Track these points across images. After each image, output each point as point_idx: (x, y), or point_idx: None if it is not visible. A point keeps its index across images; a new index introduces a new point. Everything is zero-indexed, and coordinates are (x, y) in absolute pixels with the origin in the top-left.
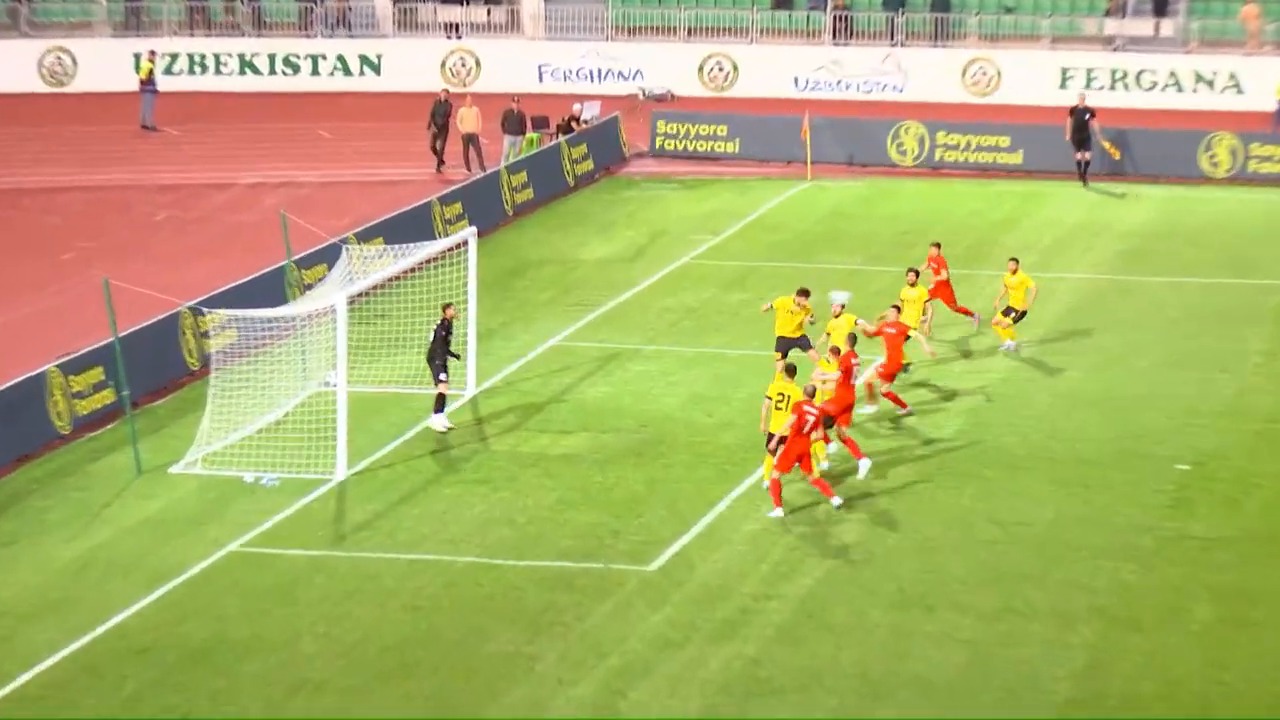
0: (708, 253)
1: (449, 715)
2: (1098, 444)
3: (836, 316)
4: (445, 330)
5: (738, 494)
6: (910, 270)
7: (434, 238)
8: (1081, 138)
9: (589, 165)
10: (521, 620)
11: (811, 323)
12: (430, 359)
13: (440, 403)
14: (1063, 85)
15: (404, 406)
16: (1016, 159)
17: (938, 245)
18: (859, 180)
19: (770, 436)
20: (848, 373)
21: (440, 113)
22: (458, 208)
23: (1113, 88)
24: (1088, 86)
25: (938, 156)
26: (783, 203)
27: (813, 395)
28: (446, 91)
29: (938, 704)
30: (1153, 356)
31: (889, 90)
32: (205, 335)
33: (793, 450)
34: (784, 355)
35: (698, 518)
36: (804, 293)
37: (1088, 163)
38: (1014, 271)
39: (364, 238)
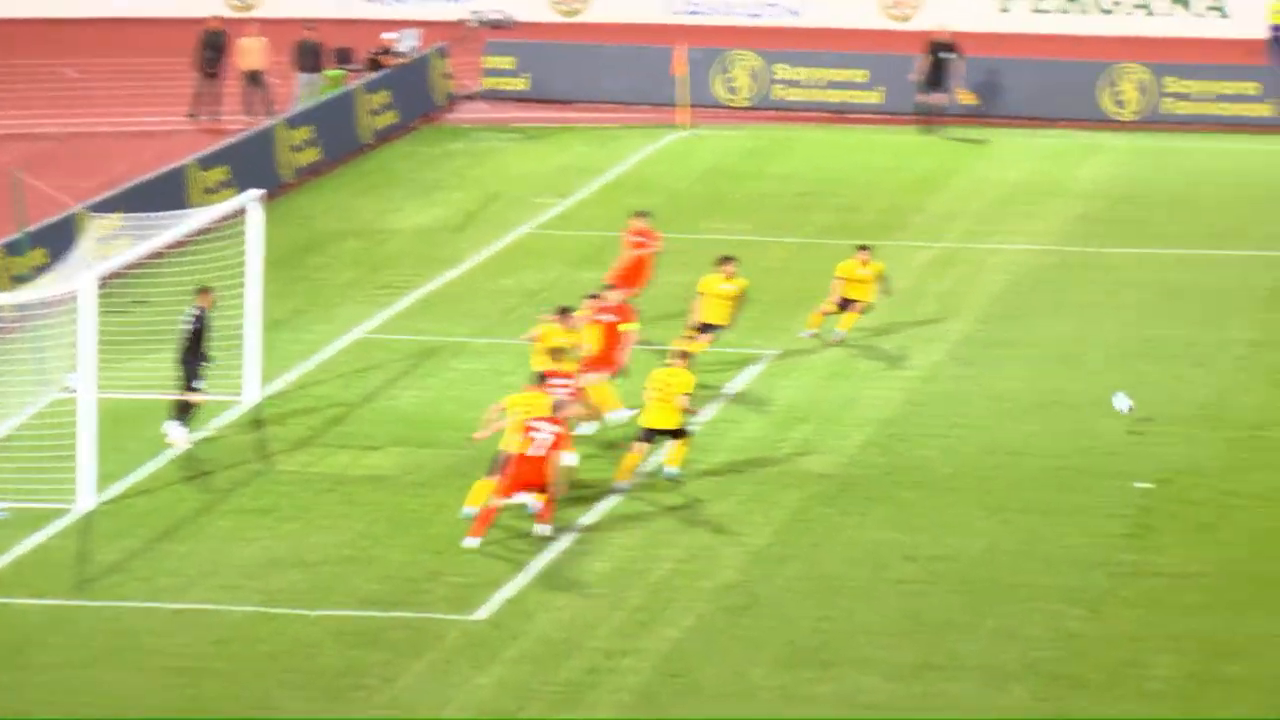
0: (555, 220)
1: None
2: (1041, 459)
3: None
4: (199, 323)
5: (586, 523)
6: (861, 248)
7: (278, 171)
8: (937, 78)
9: (393, 117)
10: (315, 684)
11: None
12: (183, 359)
13: (184, 411)
14: (1004, 9)
15: (163, 418)
16: (944, 100)
17: (641, 215)
18: (746, 128)
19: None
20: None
21: (211, 45)
22: (222, 173)
23: (1067, 11)
24: (1036, 10)
25: (836, 99)
26: (651, 156)
27: (559, 410)
28: (219, 19)
29: None
30: (1111, 349)
31: (782, 13)
32: None
33: (520, 475)
34: None
35: (536, 554)
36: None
37: (941, 109)
38: (865, 263)
39: (97, 211)
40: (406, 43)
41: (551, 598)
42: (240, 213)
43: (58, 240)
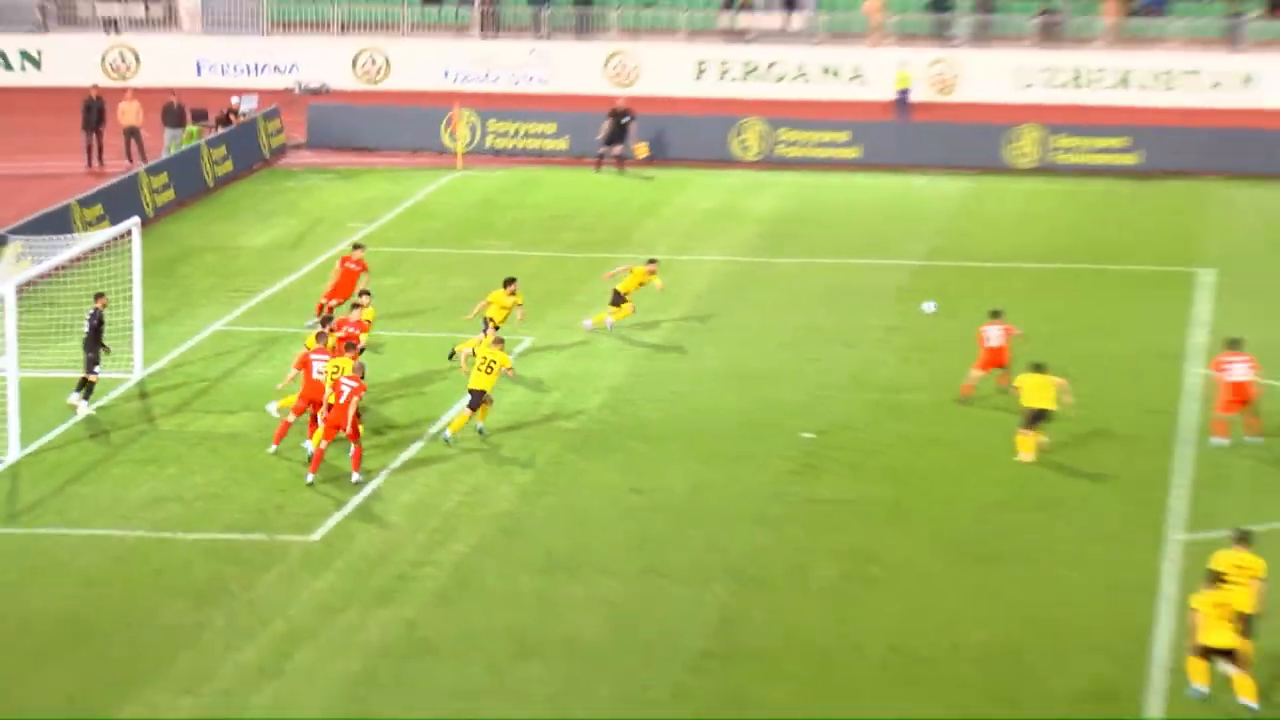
0: (364, 239)
1: (122, 682)
2: (732, 416)
3: None
4: (98, 320)
5: (395, 466)
6: (650, 260)
7: (143, 208)
8: (616, 137)
9: (230, 165)
10: (190, 591)
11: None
12: (86, 347)
13: (86, 386)
14: (698, 77)
15: (71, 391)
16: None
17: (359, 248)
18: (509, 170)
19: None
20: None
21: (91, 110)
22: (99, 209)
23: (745, 79)
24: (721, 78)
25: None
26: (435, 191)
27: (358, 372)
28: (96, 88)
29: (583, 661)
30: (782, 334)
31: (535, 82)
32: None
33: (331, 421)
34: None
35: (357, 491)
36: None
37: (620, 156)
38: (652, 273)
39: (86, 204)
40: (248, 105)
41: (369, 523)
42: (125, 235)
43: None
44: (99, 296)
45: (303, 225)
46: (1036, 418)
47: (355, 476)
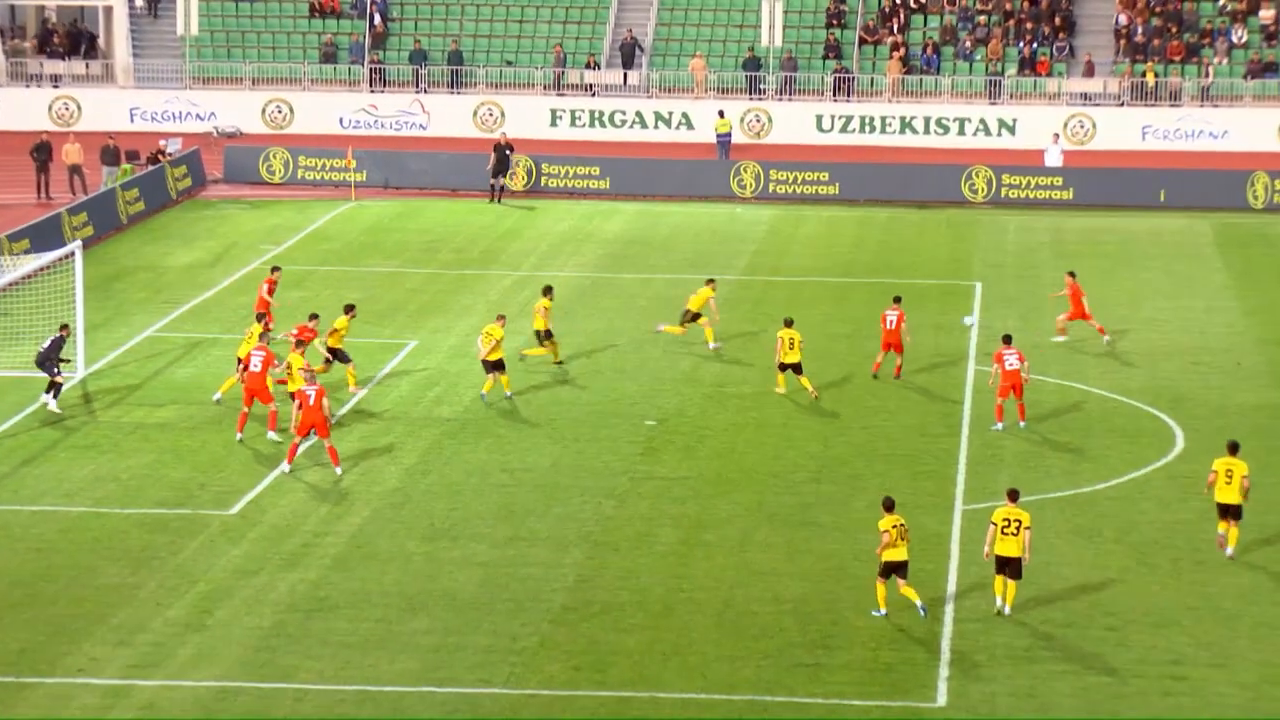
0: (272, 259)
1: (66, 636)
2: (585, 406)
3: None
4: (59, 344)
5: (301, 450)
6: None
7: (63, 242)
8: (501, 167)
9: (142, 205)
10: (126, 557)
11: None
12: (41, 363)
13: (55, 389)
14: (553, 124)
15: (23, 389)
16: (518, 184)
17: (277, 269)
18: (394, 200)
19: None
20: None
21: (40, 151)
22: (25, 243)
23: (592, 125)
24: (573, 124)
25: (462, 180)
26: (332, 219)
27: (313, 378)
28: (46, 133)
29: (461, 615)
30: (628, 337)
31: (415, 128)
32: None
33: (306, 420)
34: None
35: (268, 472)
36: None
37: (504, 186)
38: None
39: (13, 239)
40: (173, 146)
41: (278, 498)
42: (69, 256)
43: None
44: (64, 327)
45: (220, 247)
46: (789, 368)
47: (337, 470)
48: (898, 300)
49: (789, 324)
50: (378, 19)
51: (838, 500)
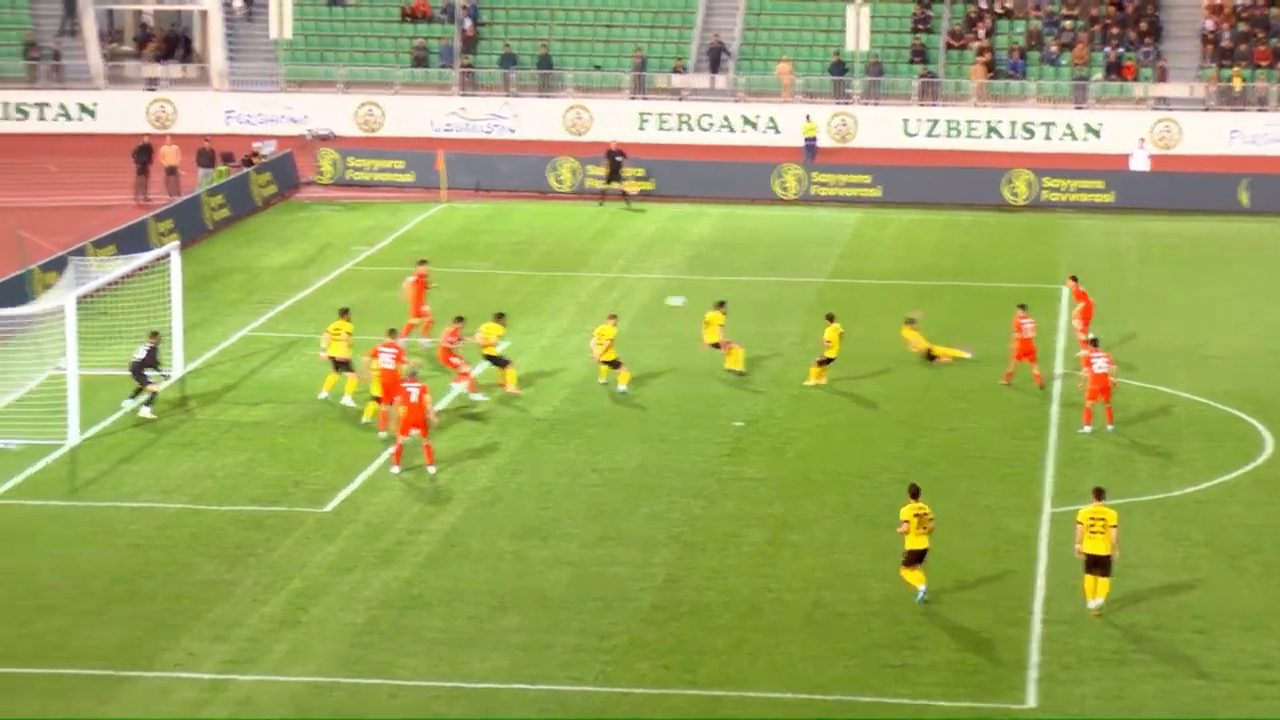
0: (365, 260)
1: (165, 631)
2: (673, 408)
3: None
4: (152, 352)
5: (393, 451)
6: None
7: (149, 246)
8: (614, 173)
9: (227, 210)
10: (222, 554)
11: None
12: (136, 371)
13: (150, 397)
14: (640, 127)
15: (121, 386)
16: (632, 188)
17: (423, 262)
18: (483, 203)
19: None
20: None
21: (141, 154)
22: (113, 248)
23: (680, 130)
24: (660, 129)
25: (553, 184)
26: (424, 220)
27: (414, 375)
28: (147, 136)
29: (551, 613)
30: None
31: (505, 131)
32: None
33: (409, 419)
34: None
35: (361, 470)
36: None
37: (624, 191)
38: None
39: (99, 245)
40: (267, 148)
41: (372, 496)
42: (165, 257)
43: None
44: (154, 334)
45: (314, 248)
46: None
47: (431, 470)
48: (1023, 307)
49: (831, 320)
50: (468, 23)
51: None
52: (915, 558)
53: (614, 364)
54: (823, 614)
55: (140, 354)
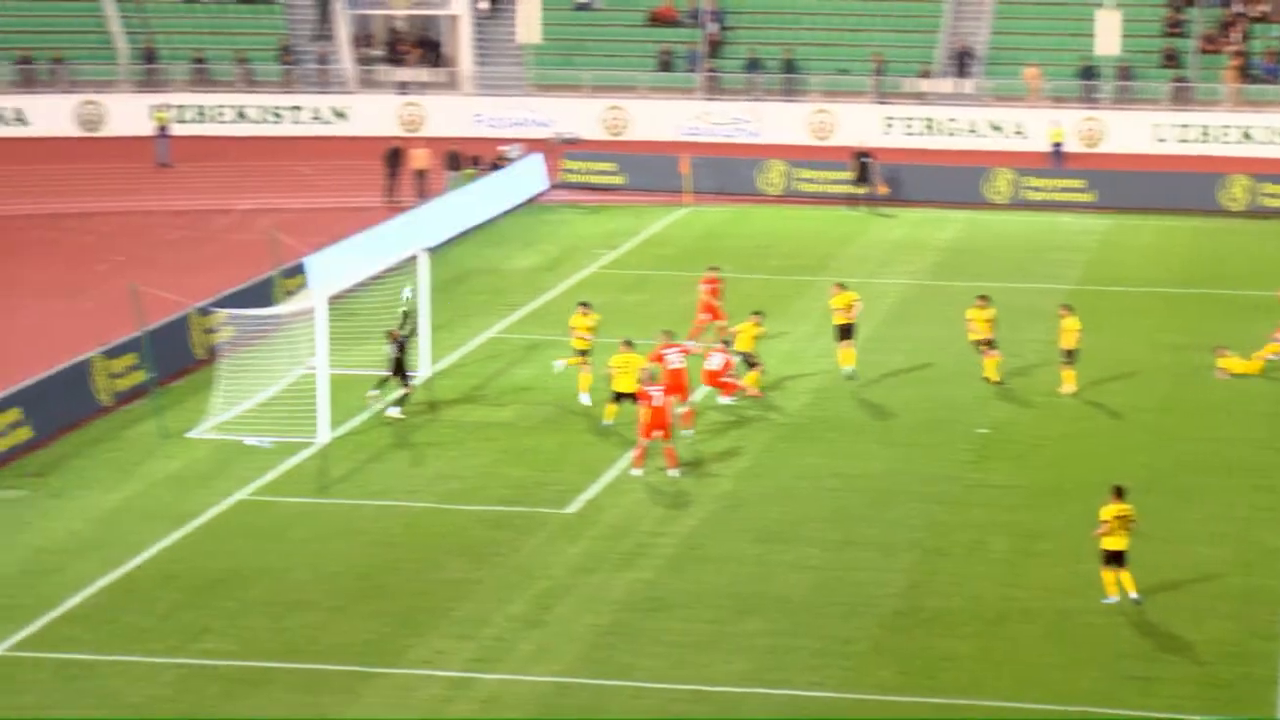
0: (609, 264)
1: (412, 628)
2: (917, 413)
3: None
4: (399, 349)
5: (634, 453)
6: (755, 313)
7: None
8: (863, 175)
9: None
10: (468, 553)
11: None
12: (397, 371)
13: (402, 398)
14: (886, 131)
15: (371, 385)
16: (868, 190)
17: (713, 269)
18: (727, 206)
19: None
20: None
21: (393, 157)
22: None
23: (925, 134)
24: (906, 133)
25: (795, 187)
26: (668, 224)
27: (652, 379)
28: (398, 139)
29: (793, 618)
30: (958, 345)
31: (748, 135)
32: (212, 330)
33: (651, 423)
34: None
35: (603, 472)
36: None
37: (871, 194)
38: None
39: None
40: (514, 152)
41: (615, 498)
42: (412, 259)
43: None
44: (391, 334)
45: (558, 251)
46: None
47: (672, 472)
48: None
49: (1069, 311)
50: (714, 27)
51: (1165, 512)
52: (1113, 558)
53: (750, 363)
54: (1069, 623)
55: (394, 352)
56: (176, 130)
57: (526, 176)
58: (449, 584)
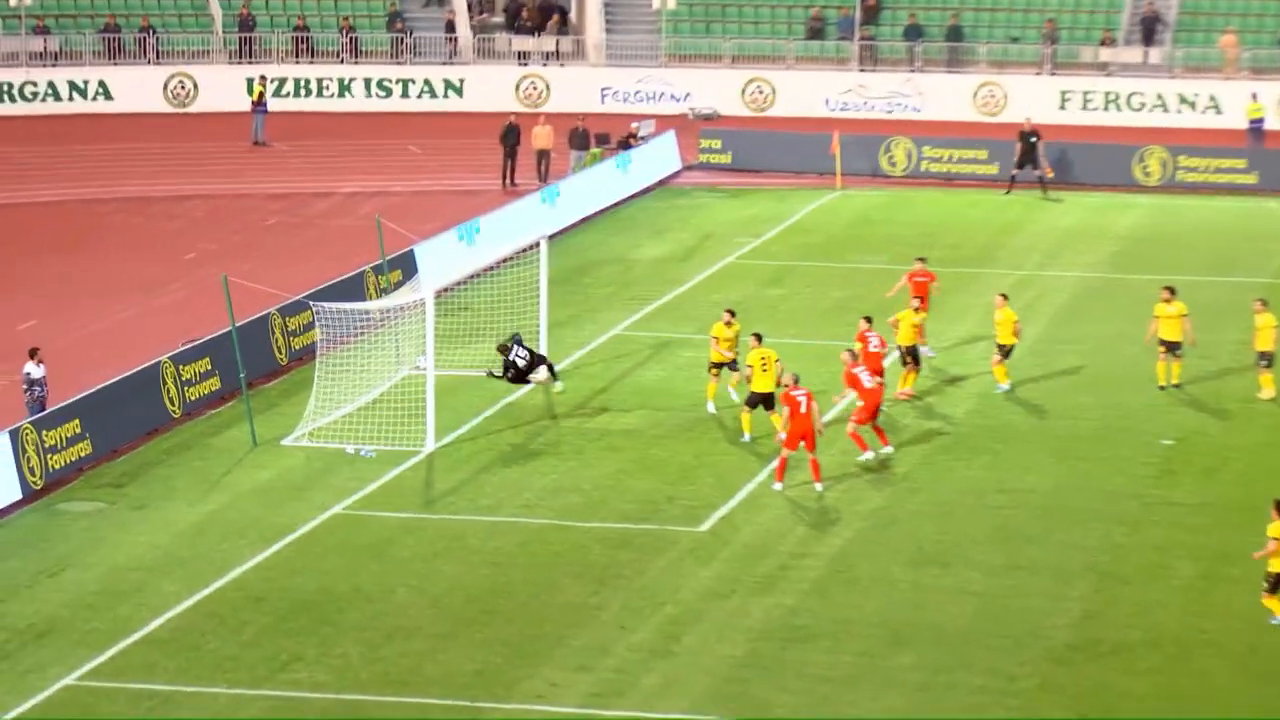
0: (749, 253)
1: (524, 658)
2: (1091, 421)
3: None
4: (524, 358)
5: (775, 465)
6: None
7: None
8: (1028, 158)
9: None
10: (587, 575)
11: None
12: (515, 378)
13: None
14: (1062, 106)
15: (482, 388)
16: (1034, 173)
17: (920, 260)
18: (882, 190)
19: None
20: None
21: (510, 136)
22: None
23: (1106, 109)
24: (1084, 108)
25: (931, 168)
26: (815, 209)
27: (796, 381)
28: (514, 115)
29: (951, 650)
30: (1140, 344)
31: (908, 110)
32: (306, 328)
33: (796, 431)
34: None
35: (741, 486)
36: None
37: (1040, 176)
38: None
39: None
40: (645, 129)
41: (753, 515)
42: (534, 246)
43: (406, 266)
44: (504, 349)
45: (693, 239)
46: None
47: (818, 487)
48: None
49: (1170, 293)
50: None
51: None
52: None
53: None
54: (1261, 660)
55: (523, 356)
56: (274, 106)
57: (659, 156)
58: (567, 609)
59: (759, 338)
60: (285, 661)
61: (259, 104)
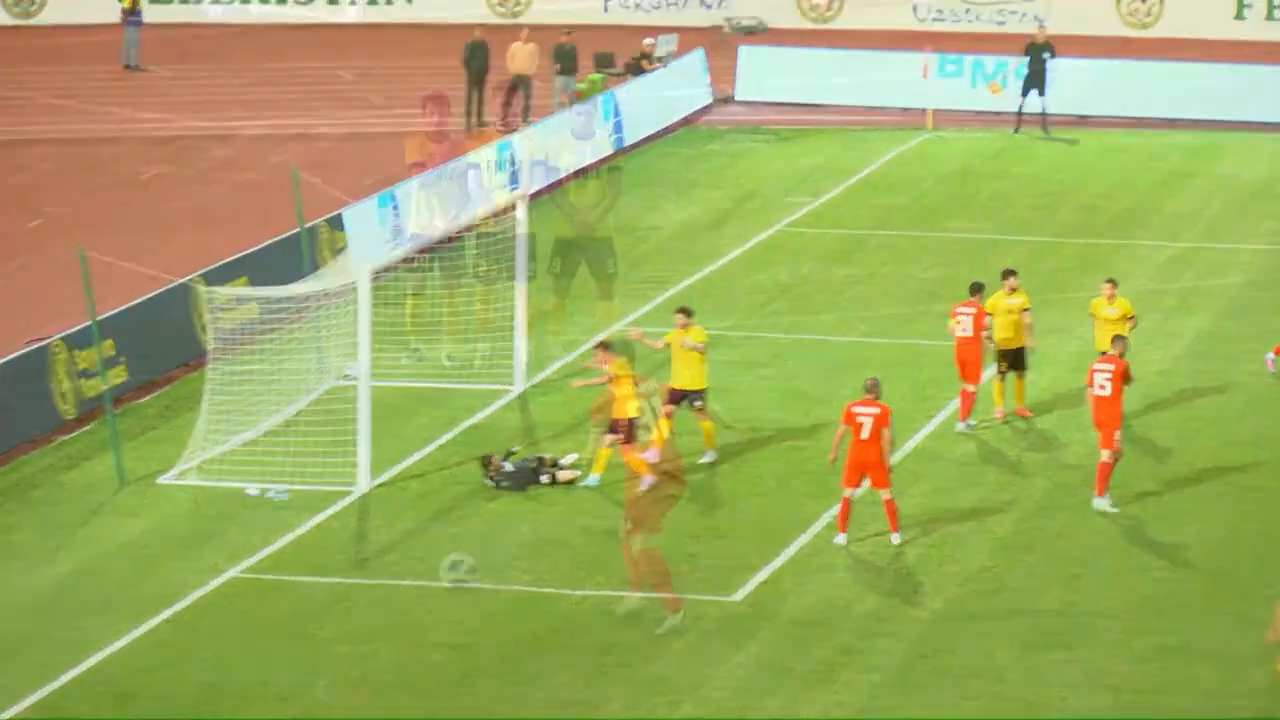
0: (807, 218)
1: None
2: (1275, 450)
3: None
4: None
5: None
6: (1009, 273)
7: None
8: (1036, 82)
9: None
10: (580, 662)
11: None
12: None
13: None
14: (1239, 15)
15: (439, 404)
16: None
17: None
18: (991, 131)
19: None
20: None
21: (475, 57)
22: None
23: None
24: (1270, 17)
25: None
26: (898, 158)
27: (873, 390)
28: (480, 28)
29: None
30: None
31: (1027, 21)
32: (204, 318)
33: (855, 462)
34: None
35: (792, 538)
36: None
37: (1044, 109)
38: (1110, 298)
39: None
40: (664, 47)
41: (805, 579)
42: (508, 211)
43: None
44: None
45: (728, 200)
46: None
47: (894, 538)
48: None
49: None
50: None
51: None
52: None
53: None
54: None
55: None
56: (152, 16)
57: (682, 84)
58: (552, 709)
59: (687, 313)
60: None
61: (132, 13)
